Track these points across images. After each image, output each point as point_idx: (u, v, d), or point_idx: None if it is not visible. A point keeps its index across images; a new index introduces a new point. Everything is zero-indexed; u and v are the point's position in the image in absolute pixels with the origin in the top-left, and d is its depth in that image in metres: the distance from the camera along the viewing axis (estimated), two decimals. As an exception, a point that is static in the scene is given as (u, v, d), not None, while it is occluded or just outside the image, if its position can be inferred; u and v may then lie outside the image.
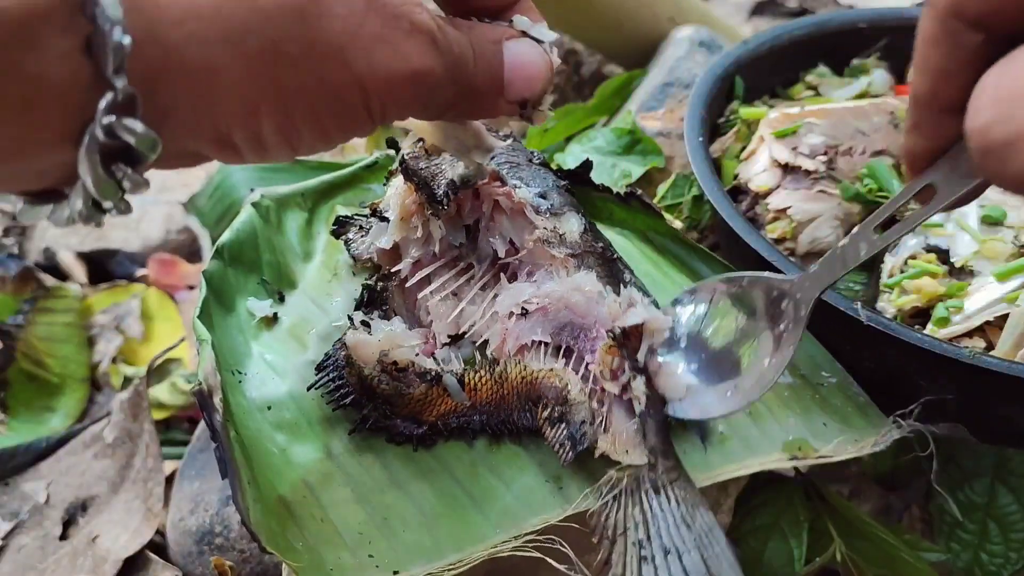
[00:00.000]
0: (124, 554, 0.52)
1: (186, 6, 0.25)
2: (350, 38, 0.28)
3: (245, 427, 0.41)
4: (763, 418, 0.44)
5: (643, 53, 0.85)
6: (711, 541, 0.39)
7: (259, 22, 0.26)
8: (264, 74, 0.27)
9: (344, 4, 0.28)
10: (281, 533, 0.38)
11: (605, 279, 0.44)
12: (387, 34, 0.29)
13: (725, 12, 1.14)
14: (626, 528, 0.38)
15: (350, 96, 0.30)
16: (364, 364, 0.41)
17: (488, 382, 0.42)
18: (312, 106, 0.29)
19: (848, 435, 0.44)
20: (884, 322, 0.43)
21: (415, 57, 0.30)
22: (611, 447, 0.39)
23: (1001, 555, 0.53)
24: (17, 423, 0.68)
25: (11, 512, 0.58)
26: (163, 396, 0.68)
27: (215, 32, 0.26)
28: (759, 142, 0.59)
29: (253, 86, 0.27)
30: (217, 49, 0.26)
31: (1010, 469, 0.54)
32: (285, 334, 0.46)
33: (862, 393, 0.46)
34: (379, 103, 0.30)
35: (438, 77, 0.31)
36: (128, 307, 0.77)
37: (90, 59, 0.24)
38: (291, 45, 0.27)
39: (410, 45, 0.30)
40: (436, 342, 0.44)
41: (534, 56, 0.35)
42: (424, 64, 0.31)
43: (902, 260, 0.51)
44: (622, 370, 0.40)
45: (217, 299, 0.46)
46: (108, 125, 0.24)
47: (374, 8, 0.29)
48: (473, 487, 0.41)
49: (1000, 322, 0.46)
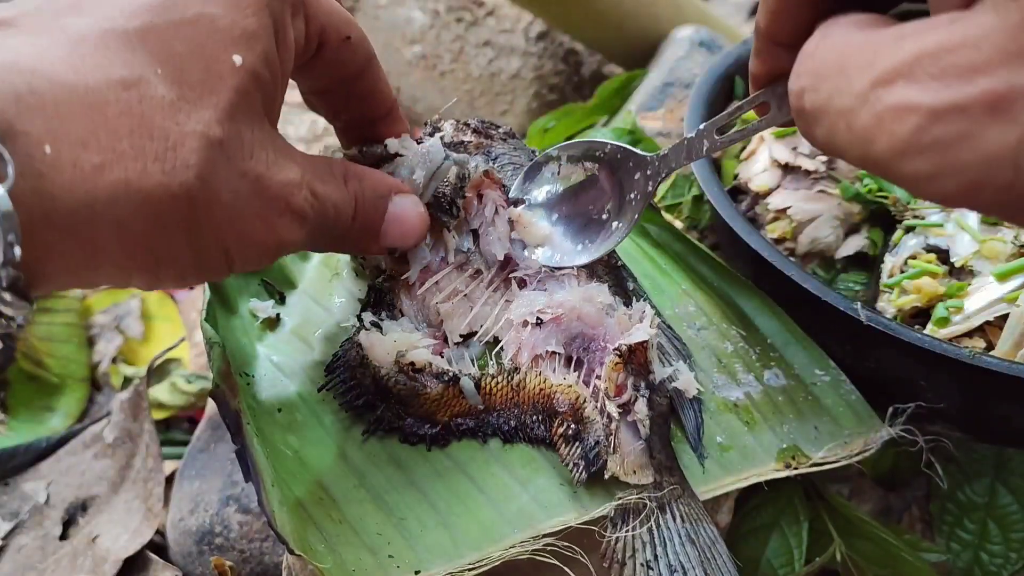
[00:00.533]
0: (124, 554, 0.52)
1: (82, 196, 0.27)
2: (230, 221, 0.31)
3: (259, 429, 0.41)
4: (758, 426, 0.45)
5: (643, 53, 0.85)
6: (714, 555, 0.39)
7: (148, 209, 0.29)
8: (143, 249, 0.30)
9: (232, 186, 0.31)
10: (304, 535, 0.38)
11: (614, 288, 0.44)
12: (264, 213, 0.33)
13: (725, 12, 1.14)
14: (635, 550, 0.39)
15: (215, 259, 0.32)
16: (380, 365, 0.41)
17: (505, 388, 0.42)
18: (180, 267, 0.32)
19: (838, 439, 0.44)
20: (884, 322, 0.44)
21: (283, 231, 0.34)
22: (620, 468, 0.40)
23: (1001, 555, 0.53)
24: (17, 423, 0.68)
25: (11, 512, 0.58)
26: (163, 396, 0.68)
27: (106, 218, 0.28)
28: (759, 142, 0.59)
29: (132, 258, 0.30)
30: (104, 233, 0.28)
31: (1010, 469, 0.54)
32: (289, 335, 0.46)
33: (854, 391, 0.46)
34: (240, 262, 0.33)
35: (300, 244, 0.36)
36: (128, 307, 0.77)
37: None
38: (173, 226, 0.30)
39: (283, 222, 0.34)
40: (448, 342, 0.44)
41: (411, 214, 0.41)
42: (288, 237, 0.34)
43: (902, 260, 0.51)
44: (625, 388, 0.40)
45: (219, 301, 0.47)
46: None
47: (257, 191, 0.32)
48: (488, 486, 0.41)
49: (1000, 322, 0.46)
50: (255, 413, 0.42)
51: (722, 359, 0.47)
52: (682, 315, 0.49)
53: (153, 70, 0.29)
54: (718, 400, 0.46)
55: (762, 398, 0.46)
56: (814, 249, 0.55)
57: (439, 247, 0.44)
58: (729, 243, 0.55)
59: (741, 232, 0.49)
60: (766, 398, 0.46)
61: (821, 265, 0.56)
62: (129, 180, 0.28)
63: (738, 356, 0.48)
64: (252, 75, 0.32)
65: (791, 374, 0.47)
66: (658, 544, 0.39)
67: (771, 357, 0.48)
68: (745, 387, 0.46)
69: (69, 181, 0.27)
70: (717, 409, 0.45)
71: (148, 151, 0.28)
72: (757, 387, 0.46)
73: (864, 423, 0.45)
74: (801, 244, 0.55)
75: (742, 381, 0.47)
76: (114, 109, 0.28)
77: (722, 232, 0.58)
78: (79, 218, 0.27)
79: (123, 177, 0.28)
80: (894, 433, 0.44)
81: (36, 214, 0.26)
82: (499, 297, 0.45)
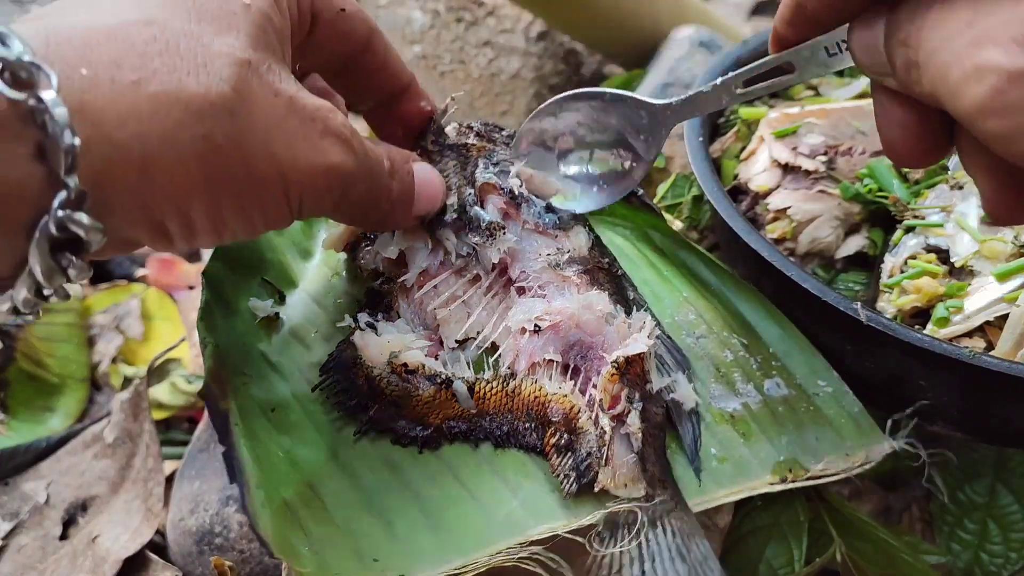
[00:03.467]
0: (124, 554, 0.52)
1: (125, 108, 0.28)
2: (274, 132, 0.32)
3: (251, 429, 0.41)
4: (755, 438, 0.44)
5: (643, 53, 0.85)
6: (705, 571, 0.39)
7: (191, 119, 0.29)
8: (196, 165, 0.30)
9: (268, 103, 0.31)
10: (287, 538, 0.38)
11: (614, 297, 0.44)
12: (306, 132, 0.33)
13: (725, 12, 1.14)
14: (621, 565, 0.38)
15: (273, 186, 0.32)
16: (373, 365, 0.41)
17: (499, 394, 0.42)
18: (238, 195, 0.32)
19: (839, 451, 0.44)
20: (884, 322, 0.43)
21: (331, 153, 0.34)
22: (610, 481, 0.39)
23: (1001, 555, 0.53)
24: (17, 423, 0.68)
25: (11, 512, 0.58)
26: (163, 396, 0.68)
27: (153, 130, 0.28)
28: (759, 142, 0.59)
29: (187, 177, 0.30)
30: (155, 145, 0.28)
31: (1010, 469, 0.54)
32: (288, 335, 0.46)
33: (856, 402, 0.46)
34: (297, 194, 0.33)
35: (351, 172, 0.35)
36: (128, 307, 0.77)
37: (42, 162, 0.26)
38: (221, 138, 0.30)
39: (326, 143, 0.34)
40: (444, 345, 0.43)
41: (434, 178, 0.42)
42: (339, 159, 0.34)
43: (902, 260, 0.51)
44: (619, 400, 0.40)
45: (218, 300, 0.46)
46: (60, 219, 0.27)
47: (293, 110, 0.32)
48: (478, 490, 0.41)
49: (1000, 322, 0.46)
50: (250, 413, 0.42)
51: (721, 369, 0.47)
52: (682, 323, 0.49)
53: (169, 11, 0.30)
54: (715, 411, 0.45)
55: (760, 409, 0.46)
56: (814, 249, 0.55)
57: (438, 250, 0.44)
58: (729, 243, 0.55)
59: (741, 232, 0.49)
60: (765, 408, 0.46)
61: (821, 265, 0.56)
62: (168, 91, 0.28)
63: (738, 365, 0.47)
64: (263, 15, 0.33)
65: (793, 383, 0.47)
66: (647, 559, 0.38)
67: (773, 366, 0.47)
68: (743, 397, 0.46)
69: (111, 95, 0.27)
70: (713, 420, 0.45)
71: (180, 68, 0.29)
72: (756, 397, 0.46)
73: (866, 435, 0.44)
74: (801, 244, 0.55)
75: (740, 391, 0.46)
76: (139, 39, 0.29)
77: (722, 232, 0.58)
78: (129, 131, 0.28)
79: (162, 90, 0.28)
80: (896, 446, 0.44)
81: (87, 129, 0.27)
82: (497, 303, 0.44)
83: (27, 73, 0.26)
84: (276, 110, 0.32)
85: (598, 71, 0.93)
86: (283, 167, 0.32)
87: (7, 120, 0.26)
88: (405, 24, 0.90)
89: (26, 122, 0.26)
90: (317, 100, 0.34)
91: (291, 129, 0.32)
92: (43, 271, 0.28)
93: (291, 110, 0.32)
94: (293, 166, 0.32)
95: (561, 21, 0.86)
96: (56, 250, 0.28)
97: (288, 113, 0.32)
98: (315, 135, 0.33)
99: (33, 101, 0.26)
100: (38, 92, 0.26)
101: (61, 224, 0.27)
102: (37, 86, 0.26)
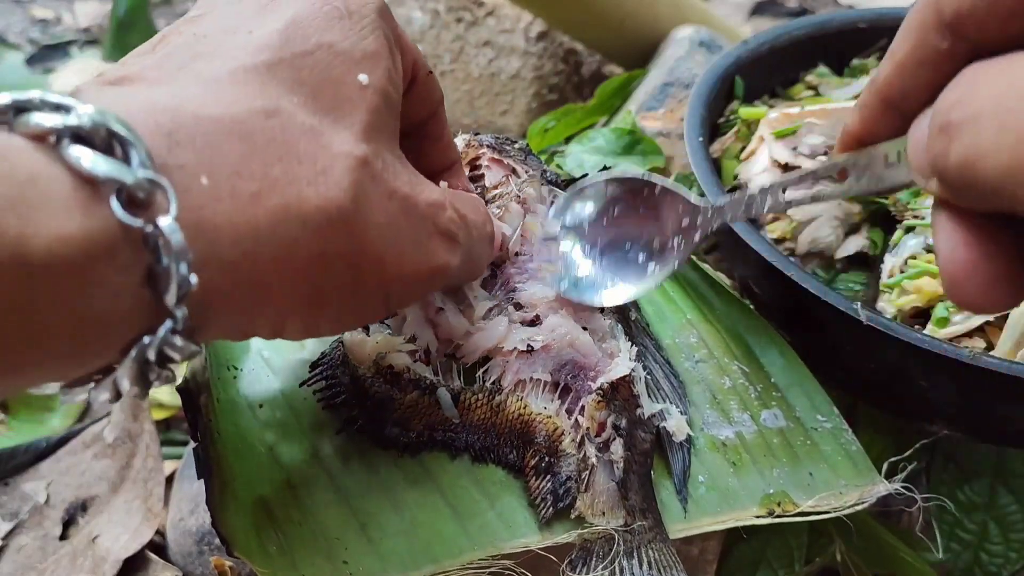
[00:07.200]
0: (124, 554, 0.52)
1: (243, 226, 0.26)
2: (386, 241, 0.30)
3: (235, 424, 0.41)
4: (745, 469, 0.43)
5: (643, 53, 0.85)
6: None
7: (309, 236, 0.27)
8: (304, 285, 0.28)
9: (382, 207, 0.30)
10: (256, 536, 0.37)
11: (617, 316, 0.44)
12: (415, 235, 0.31)
13: (725, 12, 1.14)
14: None
15: (375, 294, 0.31)
16: (359, 364, 0.41)
17: (484, 407, 0.41)
18: (339, 306, 0.30)
19: (833, 488, 0.43)
20: (884, 322, 0.43)
21: (438, 254, 0.33)
22: (588, 508, 0.39)
23: (1001, 555, 0.53)
24: (17, 423, 0.68)
25: (11, 512, 0.58)
26: (163, 396, 0.68)
27: (267, 251, 0.26)
28: (759, 142, 0.59)
29: (292, 297, 0.28)
30: (266, 266, 0.26)
31: (1010, 469, 0.54)
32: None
33: (854, 441, 0.45)
34: (397, 297, 0.32)
35: (454, 269, 0.34)
36: (128, 307, 0.77)
37: (149, 287, 0.24)
38: (333, 255, 0.28)
39: (434, 243, 0.32)
40: (439, 353, 0.43)
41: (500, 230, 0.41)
42: (444, 260, 0.33)
43: (902, 260, 0.51)
44: (605, 427, 0.40)
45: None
46: (159, 346, 0.25)
47: (406, 211, 0.31)
48: (456, 499, 0.40)
49: (1000, 322, 0.46)
50: (236, 407, 0.42)
51: (717, 395, 0.46)
52: (682, 345, 0.48)
53: (289, 99, 0.28)
54: (707, 437, 0.44)
55: (755, 439, 0.44)
56: (814, 249, 0.55)
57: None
58: (729, 243, 0.55)
59: (741, 232, 0.49)
60: (759, 439, 0.44)
61: (821, 265, 0.56)
62: (288, 205, 0.26)
63: (735, 393, 0.46)
64: (380, 93, 0.31)
65: (792, 416, 0.45)
66: None
67: (773, 396, 0.46)
68: (737, 426, 0.45)
69: (230, 211, 0.25)
70: (705, 447, 0.44)
71: (300, 176, 0.27)
72: (751, 427, 0.45)
73: (862, 475, 0.43)
74: (801, 244, 0.55)
75: (735, 420, 0.45)
76: (261, 137, 0.27)
77: (722, 232, 0.58)
78: (243, 250, 0.26)
79: (281, 203, 0.26)
80: (892, 489, 0.42)
81: (201, 249, 0.24)
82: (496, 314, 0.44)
83: (144, 193, 0.23)
84: (390, 215, 0.30)
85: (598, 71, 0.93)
86: (389, 276, 0.31)
87: (119, 248, 0.23)
88: (405, 24, 0.90)
89: (137, 248, 0.23)
90: (428, 193, 0.32)
91: (402, 234, 0.31)
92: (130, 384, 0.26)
93: (404, 211, 0.31)
94: (399, 274, 0.31)
95: (561, 21, 0.86)
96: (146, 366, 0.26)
97: (400, 215, 0.31)
98: (424, 236, 0.32)
99: (150, 228, 0.23)
100: (156, 219, 0.23)
101: (159, 349, 0.25)
102: (155, 207, 0.23)
